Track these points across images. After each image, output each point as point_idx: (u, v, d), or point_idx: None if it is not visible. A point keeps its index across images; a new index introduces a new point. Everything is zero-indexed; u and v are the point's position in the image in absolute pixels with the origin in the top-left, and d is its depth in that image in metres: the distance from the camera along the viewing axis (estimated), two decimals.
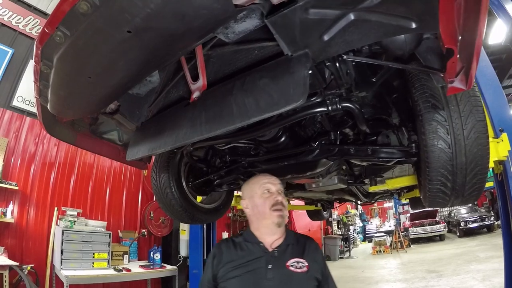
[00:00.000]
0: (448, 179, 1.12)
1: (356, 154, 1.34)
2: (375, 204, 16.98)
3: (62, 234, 3.37)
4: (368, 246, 12.74)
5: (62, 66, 0.72)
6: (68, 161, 4.11)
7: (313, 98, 0.99)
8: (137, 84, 1.07)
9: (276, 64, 0.83)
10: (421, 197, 1.48)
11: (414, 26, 0.73)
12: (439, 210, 13.51)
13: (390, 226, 14.17)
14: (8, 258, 3.03)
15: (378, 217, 18.03)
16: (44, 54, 0.70)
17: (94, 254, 3.54)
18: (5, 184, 3.34)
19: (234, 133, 1.19)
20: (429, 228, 11.39)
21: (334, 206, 4.92)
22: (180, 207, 1.76)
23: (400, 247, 10.70)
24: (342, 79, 0.94)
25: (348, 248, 11.22)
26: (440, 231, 11.27)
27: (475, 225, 10.65)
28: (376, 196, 3.31)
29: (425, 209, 12.02)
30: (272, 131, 1.29)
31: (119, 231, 4.32)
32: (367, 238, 15.10)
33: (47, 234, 3.61)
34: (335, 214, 11.84)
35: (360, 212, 16.01)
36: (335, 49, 0.76)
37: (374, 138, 1.39)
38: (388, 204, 16.39)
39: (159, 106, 1.18)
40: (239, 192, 3.67)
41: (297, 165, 1.48)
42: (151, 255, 4.14)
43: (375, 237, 11.88)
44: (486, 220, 10.46)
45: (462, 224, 10.96)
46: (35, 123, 3.90)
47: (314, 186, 1.98)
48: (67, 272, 3.16)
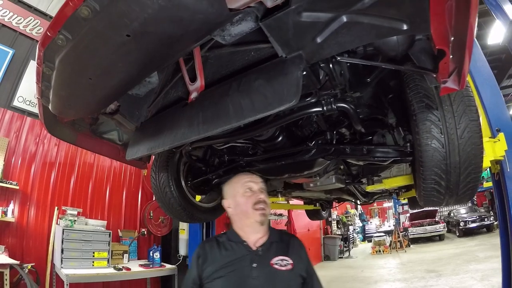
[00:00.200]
0: (442, 178, 1.14)
1: (352, 154, 1.36)
2: (375, 204, 17.00)
3: (63, 233, 3.39)
4: (367, 246, 12.76)
5: (63, 68, 0.74)
6: (69, 161, 4.13)
7: (308, 99, 1.01)
8: (136, 85, 1.09)
9: (271, 66, 0.85)
10: (416, 196, 1.50)
11: (406, 27, 0.74)
12: (438, 210, 13.51)
13: (389, 226, 14.19)
14: (9, 257, 3.05)
15: (377, 217, 18.03)
16: (46, 56, 0.73)
17: (94, 253, 3.55)
18: (5, 183, 3.35)
19: (232, 132, 1.21)
20: (428, 228, 11.40)
21: (333, 206, 4.94)
22: (179, 206, 1.78)
23: (399, 247, 10.72)
24: (336, 80, 0.96)
25: (347, 248, 11.23)
26: (440, 231, 11.28)
27: (474, 225, 10.66)
28: (374, 195, 3.32)
29: (424, 209, 12.09)
30: (269, 131, 1.31)
31: (119, 230, 4.33)
32: (366, 238, 15.11)
33: (48, 233, 3.63)
34: (334, 214, 11.85)
35: (360, 212, 16.01)
36: (328, 50, 0.78)
37: (370, 138, 1.41)
38: (387, 204, 16.42)
39: (158, 106, 1.20)
40: None
41: (294, 164, 1.50)
42: (151, 254, 4.16)
43: (375, 237, 11.90)
44: (486, 220, 10.46)
45: (462, 224, 10.97)
46: (36, 123, 3.92)
47: (312, 185, 2.00)
48: (67, 271, 3.18)
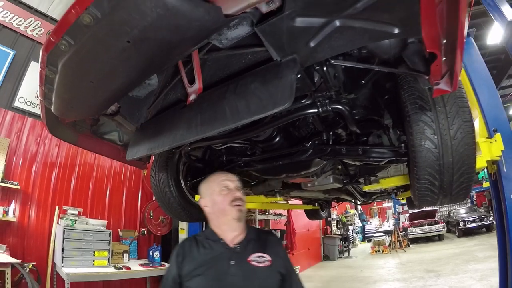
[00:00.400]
0: (436, 178, 1.16)
1: (347, 154, 1.38)
2: (375, 204, 17.02)
3: (63, 232, 3.42)
4: (367, 246, 12.78)
5: (66, 71, 0.76)
6: (69, 161, 4.15)
7: (303, 100, 1.04)
8: (136, 87, 1.12)
9: (267, 69, 0.88)
10: (411, 195, 1.52)
11: (397, 31, 0.76)
12: (438, 210, 13.54)
13: (389, 226, 14.21)
14: (10, 256, 3.07)
15: (377, 217, 18.04)
16: (50, 60, 0.75)
17: (94, 252, 3.58)
18: (7, 183, 3.38)
19: (230, 133, 1.23)
20: (428, 228, 11.41)
21: (332, 206, 4.96)
22: (178, 206, 1.80)
23: (399, 247, 10.74)
24: (330, 82, 0.99)
25: (347, 248, 11.25)
26: (439, 231, 11.29)
27: (474, 225, 10.67)
28: (373, 195, 3.32)
29: (424, 209, 12.11)
30: (266, 132, 1.33)
31: (119, 230, 4.36)
32: (366, 238, 15.13)
33: (48, 233, 3.65)
34: (334, 214, 11.88)
35: (360, 212, 16.03)
36: (322, 54, 0.80)
37: (366, 139, 1.44)
38: (387, 204, 16.43)
39: (158, 107, 1.22)
40: None
41: (291, 164, 1.52)
42: (151, 254, 4.18)
43: (374, 237, 11.91)
44: (485, 220, 10.47)
45: (461, 224, 10.98)
46: (37, 123, 3.95)
47: (309, 185, 2.02)
48: (68, 270, 3.20)
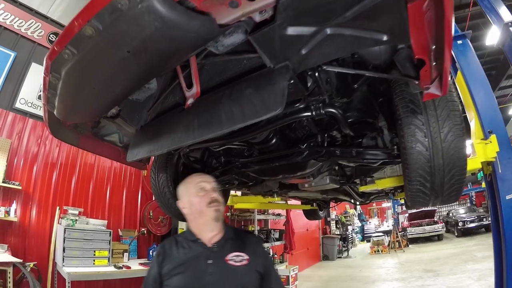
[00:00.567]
0: (427, 180, 1.19)
1: (341, 156, 1.41)
2: (374, 204, 17.05)
3: (64, 232, 3.45)
4: (366, 246, 12.81)
5: (69, 78, 0.80)
6: (70, 161, 4.18)
7: (297, 104, 1.08)
8: (136, 91, 1.16)
9: (260, 75, 0.91)
10: (404, 196, 1.56)
11: (386, 38, 0.80)
12: (437, 210, 13.58)
13: (388, 226, 14.25)
14: (12, 256, 3.11)
15: (376, 217, 18.08)
16: (53, 67, 0.79)
17: (95, 251, 3.61)
18: (8, 184, 3.41)
19: (226, 136, 1.27)
20: (427, 228, 11.45)
21: (330, 206, 4.99)
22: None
23: (398, 247, 10.78)
24: (322, 87, 1.02)
25: (346, 247, 11.29)
26: (438, 231, 11.33)
27: (473, 225, 10.71)
28: (371, 196, 3.33)
29: (423, 209, 12.13)
30: (262, 134, 1.37)
31: (119, 229, 4.39)
32: (365, 238, 15.16)
33: (49, 233, 3.68)
34: (333, 214, 11.91)
35: (359, 212, 16.07)
36: (313, 60, 0.84)
37: (360, 141, 1.47)
38: (386, 204, 16.46)
39: (157, 110, 1.26)
40: (237, 191, 3.73)
41: (287, 165, 1.56)
42: (151, 253, 4.22)
43: (373, 237, 11.94)
44: (484, 220, 10.49)
45: (460, 224, 11.02)
46: (38, 124, 3.99)
47: (306, 185, 2.05)
48: (69, 269, 3.23)
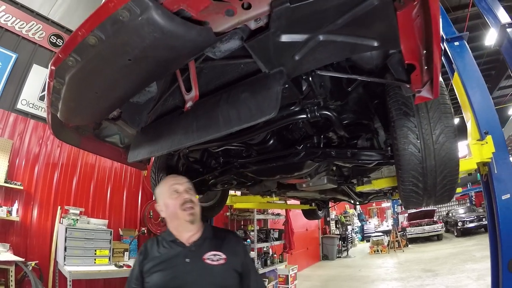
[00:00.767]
0: (420, 180, 1.22)
1: (337, 157, 1.45)
2: (374, 204, 17.06)
3: (66, 231, 3.48)
4: (366, 246, 12.83)
5: (72, 83, 0.84)
6: (71, 162, 4.21)
7: (292, 107, 1.11)
8: (137, 94, 1.19)
9: (256, 80, 0.95)
10: (399, 197, 1.59)
11: (376, 44, 0.83)
12: (436, 210, 13.59)
13: (388, 226, 14.27)
14: (14, 255, 3.14)
15: (376, 217, 18.10)
16: (57, 73, 0.83)
17: (96, 251, 3.65)
18: (10, 184, 3.44)
19: (225, 137, 1.30)
20: (426, 228, 11.48)
21: (329, 206, 5.02)
22: None
23: (397, 246, 10.81)
24: (316, 91, 1.06)
25: (346, 247, 11.31)
26: (438, 231, 11.35)
27: (472, 225, 10.73)
28: (369, 196, 3.36)
29: (422, 209, 12.15)
30: (260, 135, 1.40)
31: (119, 229, 4.41)
32: (365, 238, 15.19)
33: (51, 232, 3.71)
34: (333, 214, 11.94)
35: (359, 212, 16.09)
36: (307, 66, 0.87)
37: (355, 142, 1.50)
38: (386, 204, 16.48)
39: (157, 113, 1.29)
40: (237, 191, 3.76)
41: (284, 166, 1.59)
42: None
43: (373, 237, 11.97)
44: (484, 220, 10.48)
45: (460, 224, 11.04)
46: (39, 125, 4.02)
47: (304, 185, 2.08)
48: (70, 268, 3.27)
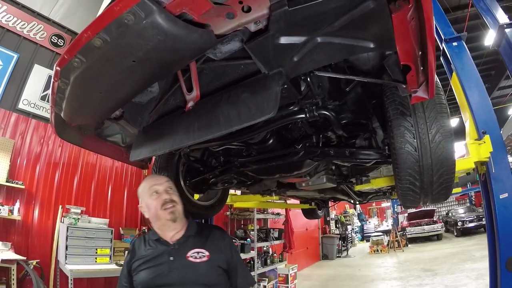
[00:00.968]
0: (416, 179, 1.24)
1: (336, 156, 1.47)
2: (374, 204, 17.07)
3: (67, 230, 3.51)
4: (366, 246, 12.84)
5: (77, 83, 0.86)
6: (72, 161, 4.24)
7: (291, 107, 1.13)
8: (139, 94, 1.22)
9: (256, 80, 0.97)
10: (397, 195, 1.61)
11: (372, 46, 0.85)
12: (436, 210, 13.60)
13: (387, 226, 14.28)
14: (15, 254, 3.17)
15: (376, 216, 18.11)
16: (63, 74, 0.85)
17: (97, 249, 3.68)
18: (12, 183, 3.46)
19: (225, 136, 1.32)
20: (426, 227, 11.48)
21: (329, 205, 5.04)
22: None
23: (397, 246, 10.82)
24: (314, 92, 1.08)
25: (345, 247, 11.33)
26: (438, 231, 11.36)
27: (472, 224, 10.73)
28: (369, 195, 3.38)
29: (422, 208, 12.15)
30: (260, 135, 1.43)
31: (120, 228, 4.44)
32: (365, 237, 15.20)
33: (52, 231, 3.74)
34: (333, 214, 11.96)
35: (359, 211, 16.10)
36: (305, 67, 0.90)
37: (353, 141, 1.53)
38: (386, 204, 16.49)
39: (159, 112, 1.31)
40: (237, 190, 3.79)
41: (284, 165, 1.61)
42: None
43: (373, 236, 11.99)
44: (483, 220, 10.46)
45: (459, 223, 11.04)
46: (40, 125, 4.05)
47: (304, 184, 2.10)
48: (71, 267, 3.30)
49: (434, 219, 12.04)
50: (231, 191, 3.21)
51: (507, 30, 3.12)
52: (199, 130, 1.02)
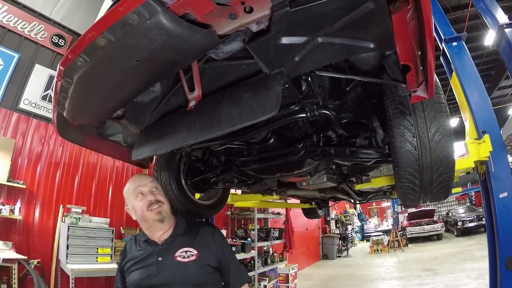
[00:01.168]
0: (416, 178, 1.25)
1: (336, 155, 1.48)
2: (374, 204, 17.08)
3: (68, 230, 3.51)
4: (366, 245, 12.86)
5: (80, 83, 0.87)
6: (73, 161, 4.25)
7: (291, 107, 1.14)
8: (141, 93, 1.23)
9: (257, 80, 0.98)
10: (397, 194, 1.62)
11: (373, 46, 0.86)
12: (436, 210, 13.61)
13: (388, 226, 14.29)
14: (16, 253, 3.18)
15: (376, 216, 18.12)
16: (66, 73, 0.86)
17: (97, 249, 3.69)
18: (13, 183, 3.48)
19: (227, 136, 1.33)
20: (426, 227, 11.50)
21: (329, 205, 5.06)
22: (179, 203, 1.90)
23: (397, 246, 10.84)
24: (315, 91, 1.09)
25: (346, 247, 11.34)
26: (438, 231, 11.37)
27: (472, 224, 10.74)
28: (369, 195, 3.38)
29: (422, 208, 12.16)
30: (260, 134, 1.43)
31: (121, 227, 4.45)
32: (365, 237, 15.21)
33: (53, 231, 3.75)
34: (333, 214, 11.97)
35: (359, 211, 16.11)
36: (306, 67, 0.91)
37: (354, 140, 1.54)
38: (386, 203, 16.50)
39: (161, 112, 1.32)
40: (237, 190, 3.81)
41: (285, 164, 1.62)
42: None
43: (373, 236, 12.00)
44: (484, 219, 10.49)
45: (460, 223, 11.06)
46: (41, 124, 4.06)
47: (304, 184, 2.11)
48: (72, 266, 3.31)
49: (434, 219, 12.05)
50: (232, 190, 3.22)
51: (506, 30, 3.13)
52: (201, 129, 1.03)
